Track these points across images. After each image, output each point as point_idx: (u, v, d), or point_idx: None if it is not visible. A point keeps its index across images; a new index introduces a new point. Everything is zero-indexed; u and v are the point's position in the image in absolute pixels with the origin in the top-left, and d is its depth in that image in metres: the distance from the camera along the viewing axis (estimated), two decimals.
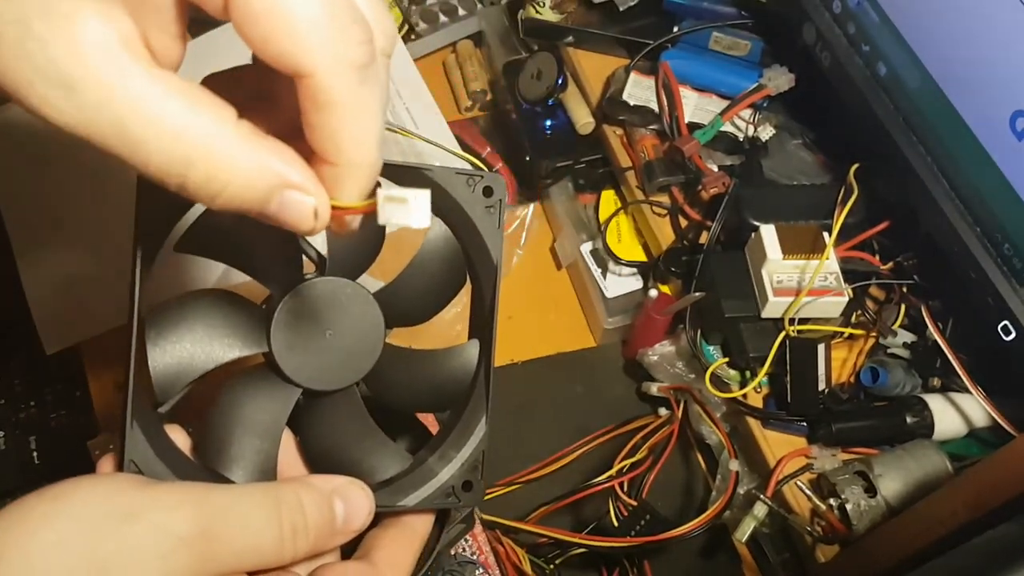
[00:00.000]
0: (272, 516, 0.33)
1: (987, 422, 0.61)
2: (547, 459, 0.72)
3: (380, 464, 0.40)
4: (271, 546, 0.33)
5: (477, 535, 0.58)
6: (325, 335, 0.37)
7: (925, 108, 0.61)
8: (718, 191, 0.71)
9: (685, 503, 0.73)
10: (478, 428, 0.41)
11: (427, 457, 0.41)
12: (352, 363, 0.38)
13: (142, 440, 0.35)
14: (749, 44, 0.78)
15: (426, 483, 0.40)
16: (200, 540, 0.31)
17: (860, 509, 0.58)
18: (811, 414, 0.63)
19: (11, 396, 0.73)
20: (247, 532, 0.32)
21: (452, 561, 0.56)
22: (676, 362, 0.71)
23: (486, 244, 0.40)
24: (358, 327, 0.38)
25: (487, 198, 0.39)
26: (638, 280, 0.80)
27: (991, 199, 0.57)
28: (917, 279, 0.66)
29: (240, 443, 0.37)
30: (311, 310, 0.37)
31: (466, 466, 0.40)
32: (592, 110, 0.83)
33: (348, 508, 0.36)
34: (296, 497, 0.34)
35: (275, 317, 0.37)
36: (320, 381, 0.38)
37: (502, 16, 0.91)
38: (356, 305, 0.38)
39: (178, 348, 0.36)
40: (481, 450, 0.40)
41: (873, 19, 0.64)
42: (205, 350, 0.36)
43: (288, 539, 0.33)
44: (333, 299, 0.38)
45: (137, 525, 0.30)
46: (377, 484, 0.39)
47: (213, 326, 0.37)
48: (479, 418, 0.41)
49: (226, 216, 0.34)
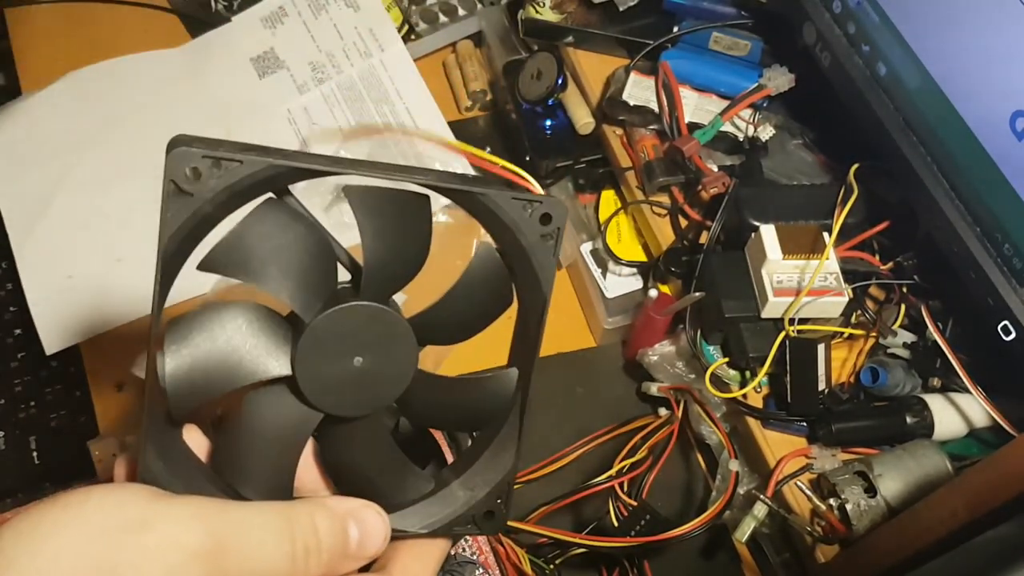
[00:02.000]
0: (285, 536, 0.33)
1: (987, 422, 0.61)
2: (547, 459, 0.72)
3: (401, 486, 0.39)
4: (283, 566, 0.33)
5: (477, 535, 0.58)
6: (353, 361, 0.35)
7: (925, 108, 0.61)
8: (718, 191, 0.71)
9: (685, 503, 0.73)
10: (507, 458, 0.39)
11: (450, 480, 0.40)
12: (379, 390, 0.36)
13: (157, 460, 0.34)
14: (749, 44, 0.78)
15: (447, 509, 0.39)
16: (211, 555, 0.31)
17: (860, 509, 0.58)
18: (811, 414, 0.63)
19: (11, 396, 0.73)
20: (259, 550, 0.32)
21: (452, 561, 0.56)
22: (676, 362, 0.71)
23: (537, 274, 0.38)
24: (389, 353, 0.36)
25: (544, 225, 0.37)
26: (638, 280, 0.80)
27: (991, 199, 0.57)
28: (917, 279, 0.66)
29: (257, 460, 0.36)
30: (340, 334, 0.35)
31: (491, 495, 0.39)
32: (592, 110, 0.83)
33: (363, 532, 0.35)
34: (310, 518, 0.34)
35: (301, 341, 0.34)
36: (344, 407, 0.36)
37: (502, 16, 0.91)
38: (389, 330, 0.36)
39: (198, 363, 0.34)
40: (507, 482, 0.39)
41: (873, 19, 0.64)
42: (227, 368, 0.34)
43: (300, 560, 0.33)
44: (365, 324, 0.35)
45: (148, 536, 0.30)
46: (395, 506, 0.38)
47: (237, 342, 0.34)
48: (510, 449, 0.39)
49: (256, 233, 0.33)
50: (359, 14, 0.88)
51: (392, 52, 0.87)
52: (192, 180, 0.31)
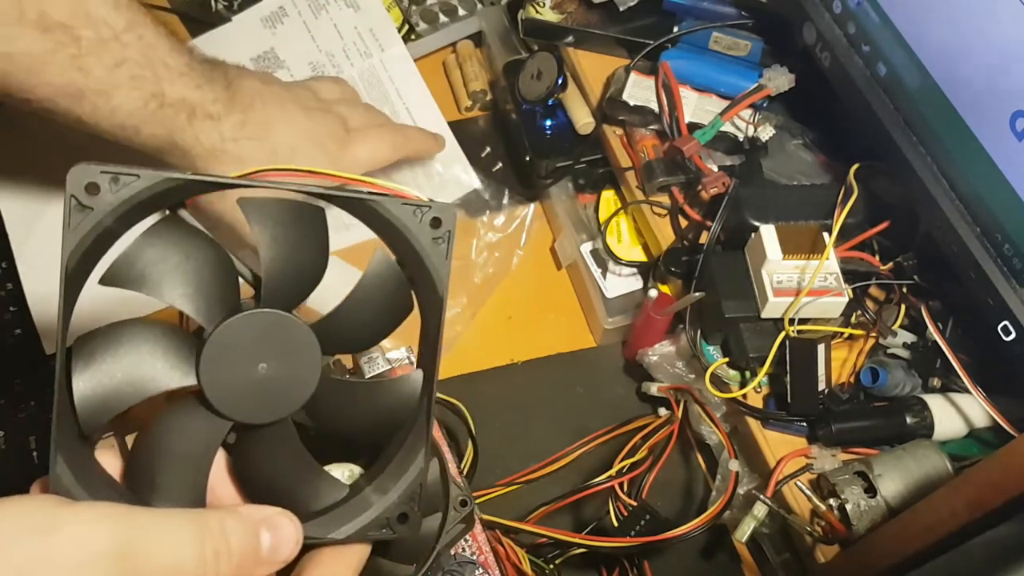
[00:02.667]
0: (194, 538, 0.33)
1: (987, 422, 0.61)
2: (547, 459, 0.72)
3: (315, 494, 0.39)
4: (191, 567, 0.33)
5: (477, 535, 0.58)
6: (258, 368, 0.36)
7: (925, 108, 0.61)
8: (718, 191, 0.71)
9: (685, 503, 0.73)
10: (417, 461, 0.40)
11: (363, 486, 0.40)
12: (286, 396, 0.37)
13: (67, 471, 0.34)
14: (749, 44, 0.78)
15: (361, 514, 0.39)
16: (118, 555, 0.31)
17: (860, 509, 0.58)
18: (811, 414, 0.63)
19: (11, 396, 0.73)
20: (167, 552, 0.33)
21: (452, 561, 0.56)
22: (676, 362, 0.71)
23: (432, 276, 0.38)
24: (294, 359, 0.37)
25: (435, 229, 0.38)
26: (638, 280, 0.80)
27: (991, 199, 0.57)
28: (917, 279, 0.66)
29: (168, 474, 0.36)
30: (244, 342, 0.36)
31: (403, 498, 0.39)
32: (592, 110, 0.83)
33: (275, 538, 0.36)
34: (220, 523, 0.34)
35: (204, 350, 0.35)
36: (251, 414, 0.37)
37: (502, 16, 0.91)
38: (292, 337, 0.37)
39: (104, 379, 0.35)
40: (419, 483, 0.39)
41: (873, 19, 0.64)
42: (132, 382, 0.35)
43: (210, 563, 0.33)
44: (268, 331, 0.36)
45: (54, 537, 0.31)
46: (311, 514, 0.39)
47: (140, 357, 0.35)
48: (418, 451, 0.40)
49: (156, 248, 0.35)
50: (359, 14, 0.88)
51: (392, 52, 0.87)
52: (92, 195, 0.33)
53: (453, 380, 0.76)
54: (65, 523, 0.31)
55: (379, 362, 0.61)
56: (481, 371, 0.78)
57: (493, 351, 0.80)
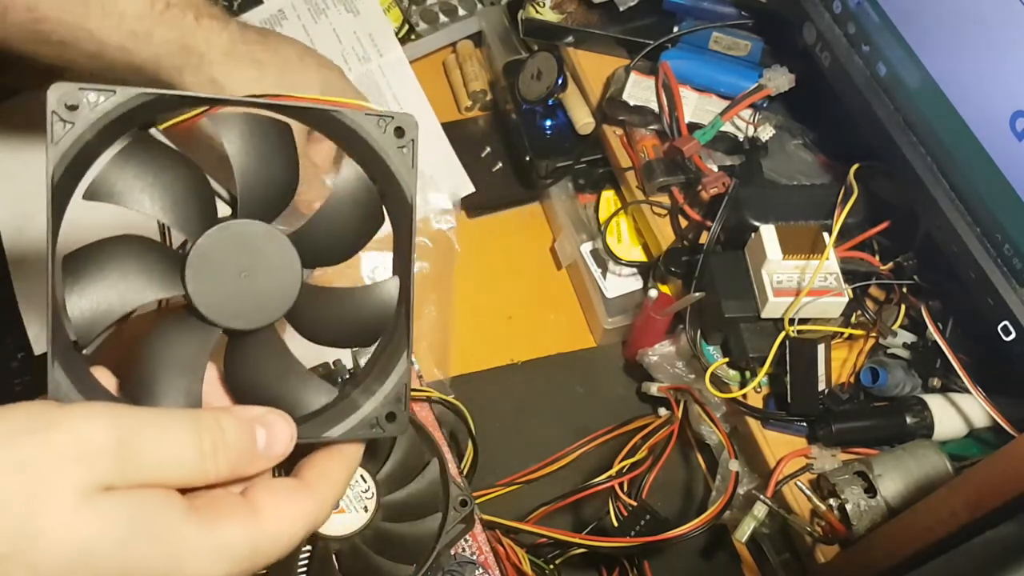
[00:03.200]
0: (191, 431, 0.34)
1: (987, 422, 0.61)
2: (547, 459, 0.72)
3: (304, 398, 0.41)
4: (190, 457, 0.34)
5: (477, 535, 0.58)
6: (240, 276, 0.38)
7: (925, 108, 0.61)
8: (718, 191, 0.71)
9: (685, 503, 0.73)
10: (401, 362, 0.41)
11: (351, 392, 0.42)
12: (271, 302, 0.39)
13: (64, 379, 0.35)
14: (749, 44, 0.78)
15: (350, 415, 0.41)
16: (118, 447, 0.32)
17: (860, 509, 0.58)
18: (811, 414, 0.63)
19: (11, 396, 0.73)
20: (166, 443, 0.33)
21: (452, 561, 0.56)
22: (676, 362, 0.71)
23: (400, 183, 0.40)
24: (275, 267, 0.39)
25: (399, 138, 0.40)
26: (638, 280, 0.80)
27: (991, 199, 0.57)
28: (917, 279, 0.66)
29: (163, 382, 0.38)
30: (225, 252, 0.38)
31: (390, 398, 0.41)
32: (592, 110, 0.83)
33: (269, 434, 0.37)
34: (215, 419, 0.35)
35: (188, 259, 0.37)
36: (238, 320, 0.39)
37: (502, 16, 0.91)
38: (271, 246, 0.39)
39: (93, 292, 0.36)
40: (404, 383, 0.41)
41: (873, 19, 0.64)
42: (120, 293, 0.37)
43: (209, 455, 0.34)
44: (247, 241, 0.38)
45: (54, 433, 0.31)
46: (302, 418, 0.40)
47: (127, 270, 0.37)
48: (401, 352, 0.41)
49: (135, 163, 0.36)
50: (358, 19, 0.88)
51: (390, 58, 0.87)
52: (72, 111, 0.34)
53: (453, 380, 0.76)
54: (63, 419, 0.32)
55: None
56: (481, 371, 0.78)
57: (493, 351, 0.80)
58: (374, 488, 0.52)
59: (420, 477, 0.54)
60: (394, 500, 0.53)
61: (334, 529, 0.50)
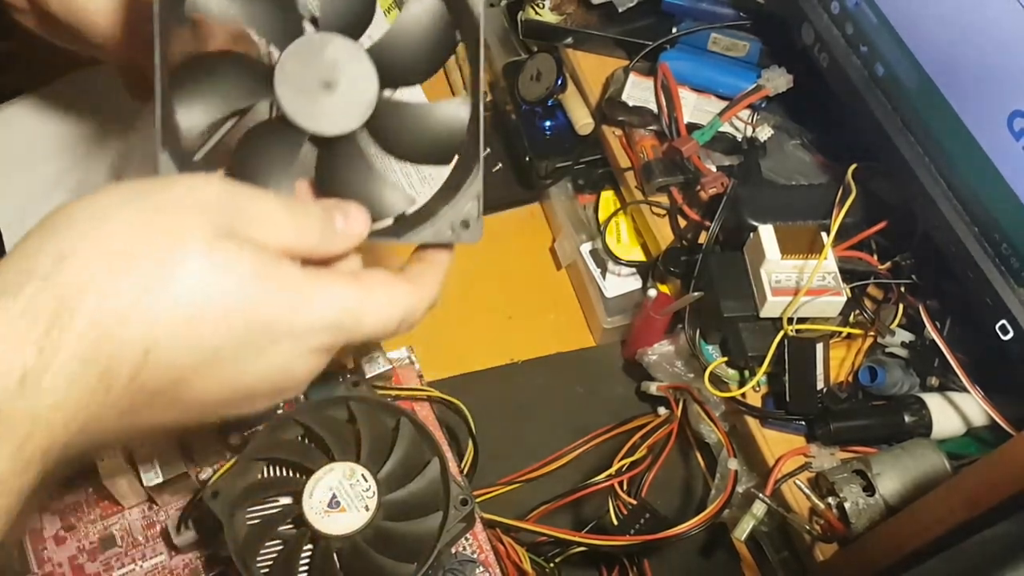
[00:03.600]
0: (286, 207, 0.38)
1: (985, 421, 0.61)
2: (547, 458, 0.72)
3: (385, 202, 0.44)
4: (286, 224, 0.37)
5: (477, 534, 0.58)
6: (323, 86, 0.41)
7: (923, 108, 0.61)
8: (717, 191, 0.71)
9: (684, 502, 0.73)
10: (474, 172, 0.44)
11: (428, 202, 0.45)
12: (351, 111, 0.42)
13: (173, 168, 0.39)
14: (747, 45, 0.78)
15: (427, 221, 0.44)
16: (222, 202, 0.36)
17: (858, 508, 0.58)
18: (810, 413, 0.64)
19: None
20: (267, 210, 0.37)
21: (452, 560, 0.56)
22: (675, 362, 0.71)
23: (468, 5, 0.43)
24: (354, 79, 0.42)
25: None
26: (637, 280, 0.81)
27: (989, 199, 0.57)
28: (915, 279, 0.66)
29: (258, 182, 0.41)
30: (309, 64, 0.41)
31: (464, 209, 0.44)
32: (591, 111, 0.83)
33: (348, 217, 0.41)
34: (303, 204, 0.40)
35: (277, 70, 0.40)
36: (321, 123, 0.41)
37: (502, 17, 0.91)
38: (351, 59, 0.41)
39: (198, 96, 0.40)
40: (476, 194, 0.44)
41: (871, 20, 0.64)
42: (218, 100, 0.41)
43: (302, 227, 0.38)
44: (329, 54, 0.41)
45: (175, 186, 0.36)
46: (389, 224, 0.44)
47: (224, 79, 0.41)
48: (475, 169, 0.44)
49: None
50: None
51: None
52: None
53: (453, 380, 0.76)
54: (181, 179, 0.38)
55: (379, 362, 0.61)
56: (481, 371, 0.79)
57: (493, 351, 0.80)
58: (375, 487, 0.52)
59: (421, 476, 0.54)
60: (395, 499, 0.53)
61: (335, 528, 0.51)
